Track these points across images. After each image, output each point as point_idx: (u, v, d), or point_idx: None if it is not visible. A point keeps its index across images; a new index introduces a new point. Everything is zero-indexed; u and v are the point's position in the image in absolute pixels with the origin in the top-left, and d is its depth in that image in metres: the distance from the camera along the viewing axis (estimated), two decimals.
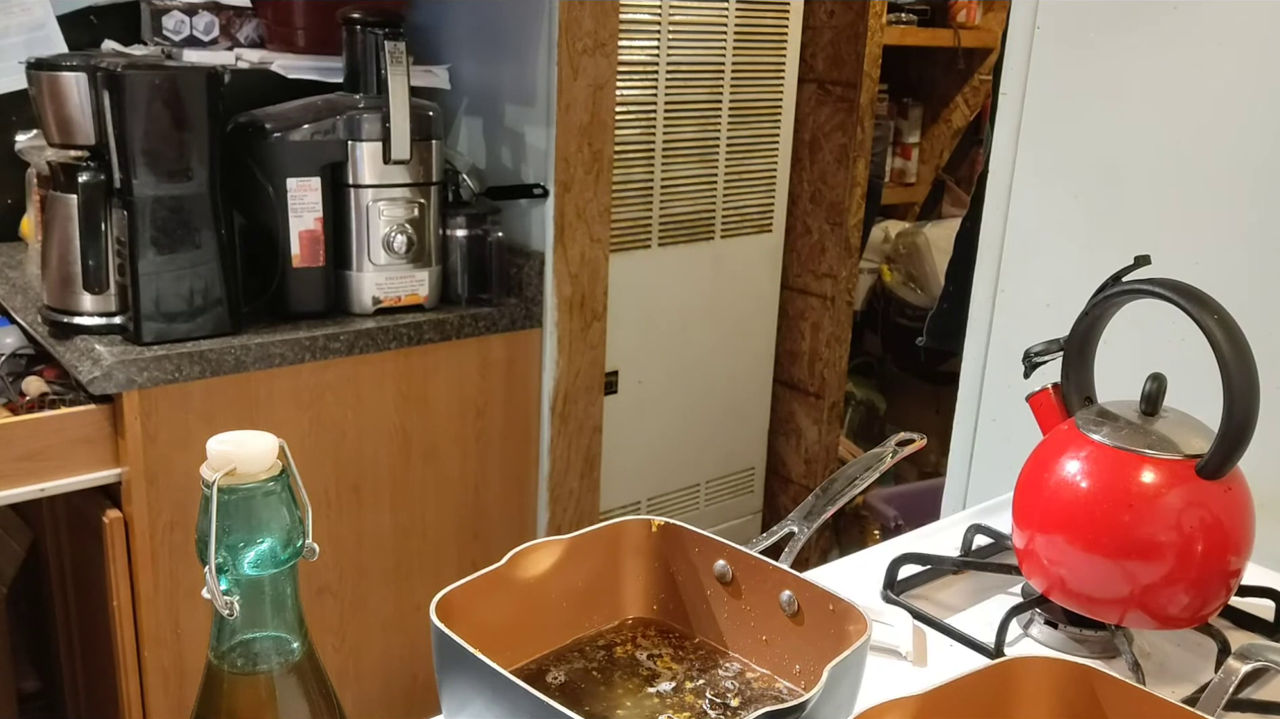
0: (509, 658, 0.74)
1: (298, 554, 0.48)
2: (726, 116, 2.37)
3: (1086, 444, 0.88)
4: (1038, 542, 0.90)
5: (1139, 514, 0.84)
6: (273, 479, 0.46)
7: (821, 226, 2.56)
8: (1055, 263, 1.28)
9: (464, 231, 1.89)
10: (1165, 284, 0.84)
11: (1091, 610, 0.88)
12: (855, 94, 2.44)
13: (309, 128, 1.72)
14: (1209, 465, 0.83)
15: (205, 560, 0.46)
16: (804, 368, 2.67)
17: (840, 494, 0.94)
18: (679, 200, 2.34)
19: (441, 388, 1.87)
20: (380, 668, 1.91)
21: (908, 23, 2.69)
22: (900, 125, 3.00)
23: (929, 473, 2.77)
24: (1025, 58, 1.28)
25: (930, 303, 2.69)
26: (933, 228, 2.85)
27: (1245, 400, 0.80)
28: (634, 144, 2.22)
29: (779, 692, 0.76)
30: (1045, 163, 1.28)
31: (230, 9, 1.98)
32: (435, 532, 1.92)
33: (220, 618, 0.47)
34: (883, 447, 0.99)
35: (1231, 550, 0.85)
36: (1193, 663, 0.90)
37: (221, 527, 0.45)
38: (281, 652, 0.49)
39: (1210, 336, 0.80)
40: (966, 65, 2.90)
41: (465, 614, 0.68)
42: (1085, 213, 1.25)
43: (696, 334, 2.46)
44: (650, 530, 0.82)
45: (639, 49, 2.18)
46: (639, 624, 0.82)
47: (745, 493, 2.70)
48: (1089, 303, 0.92)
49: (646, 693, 0.75)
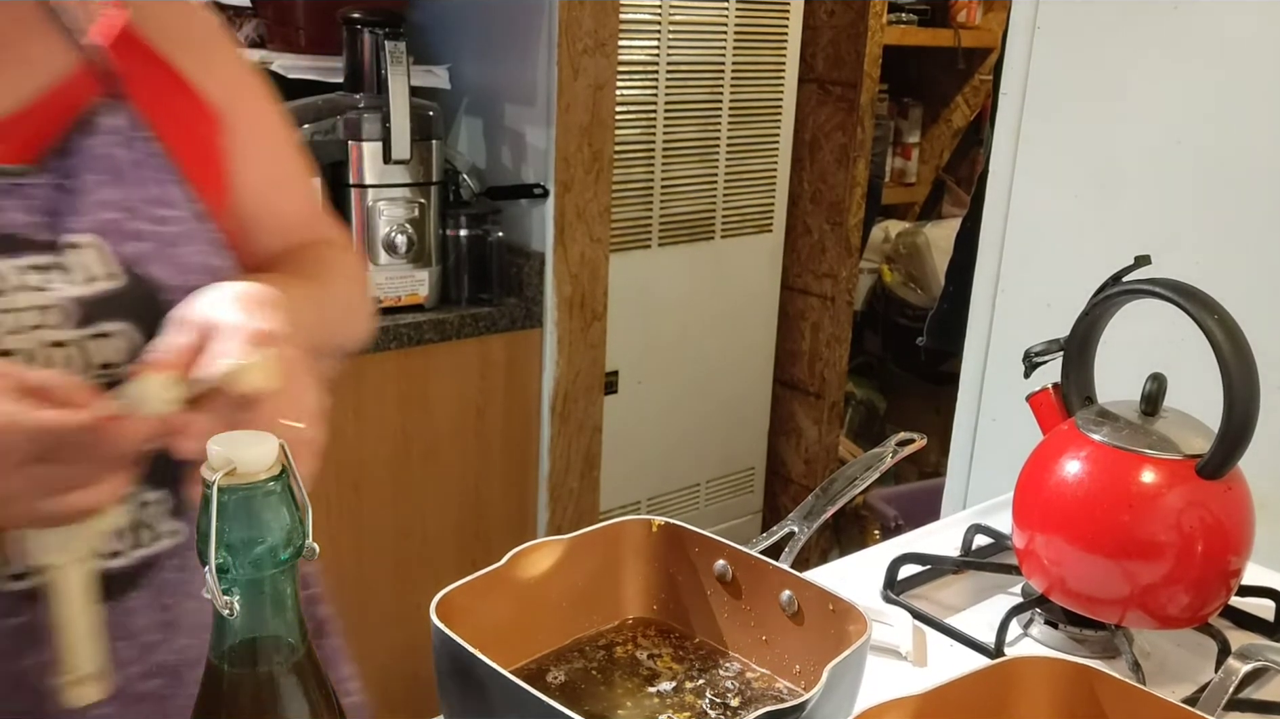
0: (509, 658, 0.74)
1: (298, 554, 0.48)
2: (726, 116, 2.37)
3: (1086, 444, 0.88)
4: (1038, 542, 0.90)
5: (1139, 514, 0.84)
6: (273, 479, 0.46)
7: (821, 226, 2.56)
8: (1055, 263, 1.28)
9: (464, 231, 1.89)
10: (1165, 284, 0.84)
11: (1091, 610, 0.88)
12: (855, 94, 2.44)
13: (309, 128, 1.72)
14: (1209, 465, 0.83)
15: (205, 560, 0.46)
16: (804, 368, 2.67)
17: (840, 494, 0.94)
18: (679, 200, 2.34)
19: (442, 388, 1.87)
20: (380, 668, 1.91)
21: (908, 23, 2.69)
22: (900, 125, 3.00)
23: (929, 473, 2.77)
24: (1025, 58, 1.28)
25: (930, 303, 2.69)
26: (933, 228, 2.85)
27: (1245, 400, 0.80)
28: (634, 144, 2.22)
29: (779, 692, 0.76)
30: (1045, 163, 1.28)
31: (230, 9, 1.98)
32: (435, 531, 1.92)
33: (220, 618, 0.47)
34: (883, 447, 0.99)
35: (1231, 550, 0.85)
36: (1193, 663, 0.90)
37: (221, 527, 0.45)
38: (281, 652, 0.49)
39: (1210, 336, 0.80)
40: (966, 65, 2.90)
41: (465, 614, 0.68)
42: (1085, 213, 1.25)
43: (696, 334, 2.46)
44: (650, 530, 0.82)
45: (639, 49, 2.18)
46: (639, 624, 0.82)
47: (745, 493, 2.70)
48: (1089, 303, 0.92)
49: (646, 693, 0.75)
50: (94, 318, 0.71)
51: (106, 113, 0.74)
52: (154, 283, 0.73)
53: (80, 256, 0.71)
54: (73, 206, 0.71)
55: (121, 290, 0.72)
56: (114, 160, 0.74)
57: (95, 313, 0.71)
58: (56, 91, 0.74)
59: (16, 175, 0.70)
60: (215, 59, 0.85)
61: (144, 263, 0.73)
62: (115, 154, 0.74)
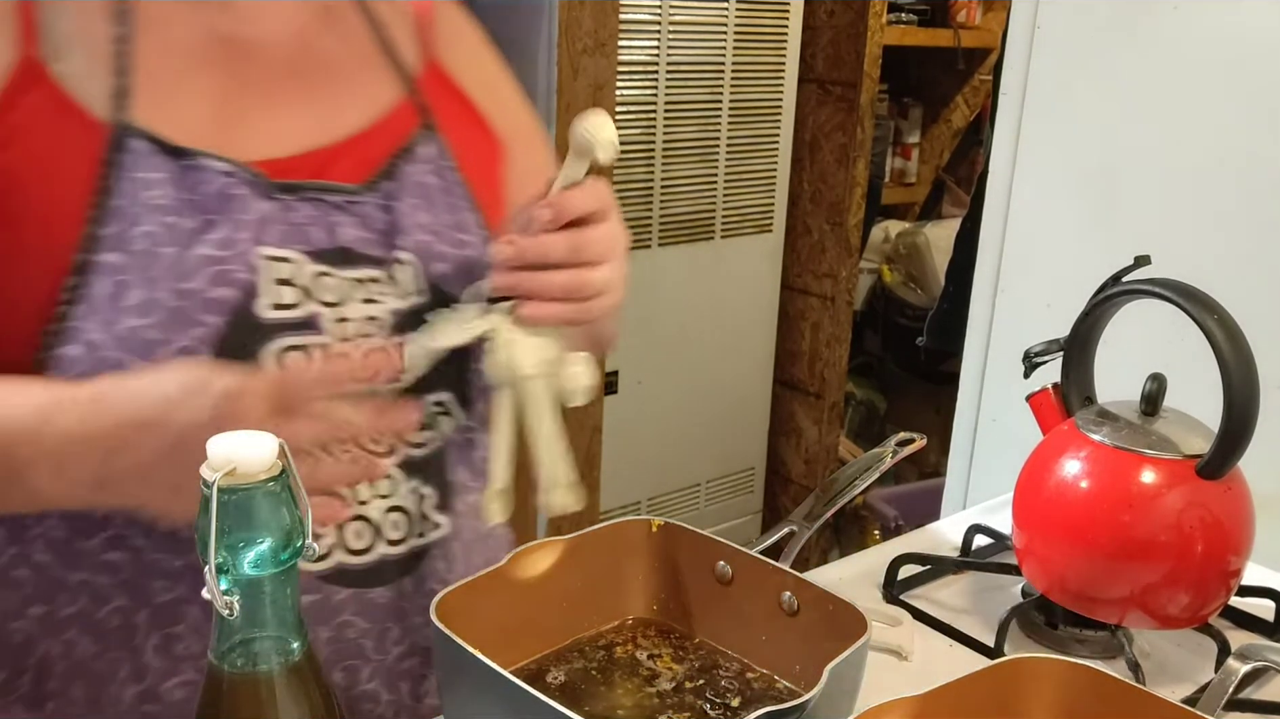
0: (509, 658, 0.74)
1: (298, 554, 0.48)
2: (726, 116, 2.37)
3: (1086, 444, 0.88)
4: (1038, 542, 0.90)
5: (1139, 514, 0.84)
6: (273, 479, 0.46)
7: (821, 226, 2.56)
8: (1055, 263, 1.28)
9: None
10: (1165, 284, 0.84)
11: (1091, 610, 0.88)
12: (855, 94, 2.44)
13: None
14: (1209, 465, 0.83)
15: (205, 560, 0.46)
16: (804, 368, 2.67)
17: (840, 494, 0.94)
18: (679, 200, 2.34)
19: None
20: None
21: (908, 23, 2.69)
22: (900, 125, 3.00)
23: (929, 473, 2.77)
24: (1025, 58, 1.28)
25: (930, 303, 2.69)
26: (933, 228, 2.85)
27: (1245, 400, 0.80)
28: (634, 144, 2.22)
29: (779, 692, 0.76)
30: (1045, 163, 1.28)
31: None
32: None
33: (220, 618, 0.47)
34: (883, 447, 0.99)
35: (1231, 550, 0.85)
36: (1193, 663, 0.90)
37: (221, 526, 0.45)
38: (281, 652, 0.49)
39: (1210, 337, 0.80)
40: (966, 65, 2.90)
41: (465, 614, 0.68)
42: (1085, 213, 1.25)
43: (696, 334, 2.46)
44: (650, 530, 0.82)
45: (639, 49, 2.18)
46: (639, 624, 0.82)
47: (745, 493, 2.70)
48: (1089, 303, 0.92)
49: (646, 693, 0.75)
50: (405, 328, 0.78)
51: (423, 142, 0.82)
52: (453, 302, 0.80)
53: (403, 273, 0.78)
54: (397, 226, 0.79)
55: (425, 307, 0.78)
56: (427, 187, 0.81)
57: (404, 325, 0.78)
58: (385, 120, 0.82)
59: (351, 194, 0.78)
60: (501, 94, 0.93)
61: (446, 283, 0.80)
62: (428, 181, 0.82)
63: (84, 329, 0.69)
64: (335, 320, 0.75)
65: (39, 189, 0.70)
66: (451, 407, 0.83)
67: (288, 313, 0.73)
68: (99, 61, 0.72)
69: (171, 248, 0.70)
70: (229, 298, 0.71)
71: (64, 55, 0.71)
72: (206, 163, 0.72)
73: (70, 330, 0.69)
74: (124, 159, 0.70)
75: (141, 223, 0.70)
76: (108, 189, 0.70)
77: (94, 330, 0.69)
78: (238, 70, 0.77)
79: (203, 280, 0.70)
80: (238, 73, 0.77)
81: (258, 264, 0.72)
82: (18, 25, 0.70)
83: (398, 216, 0.79)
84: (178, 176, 0.72)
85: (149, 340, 0.69)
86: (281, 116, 0.78)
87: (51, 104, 0.70)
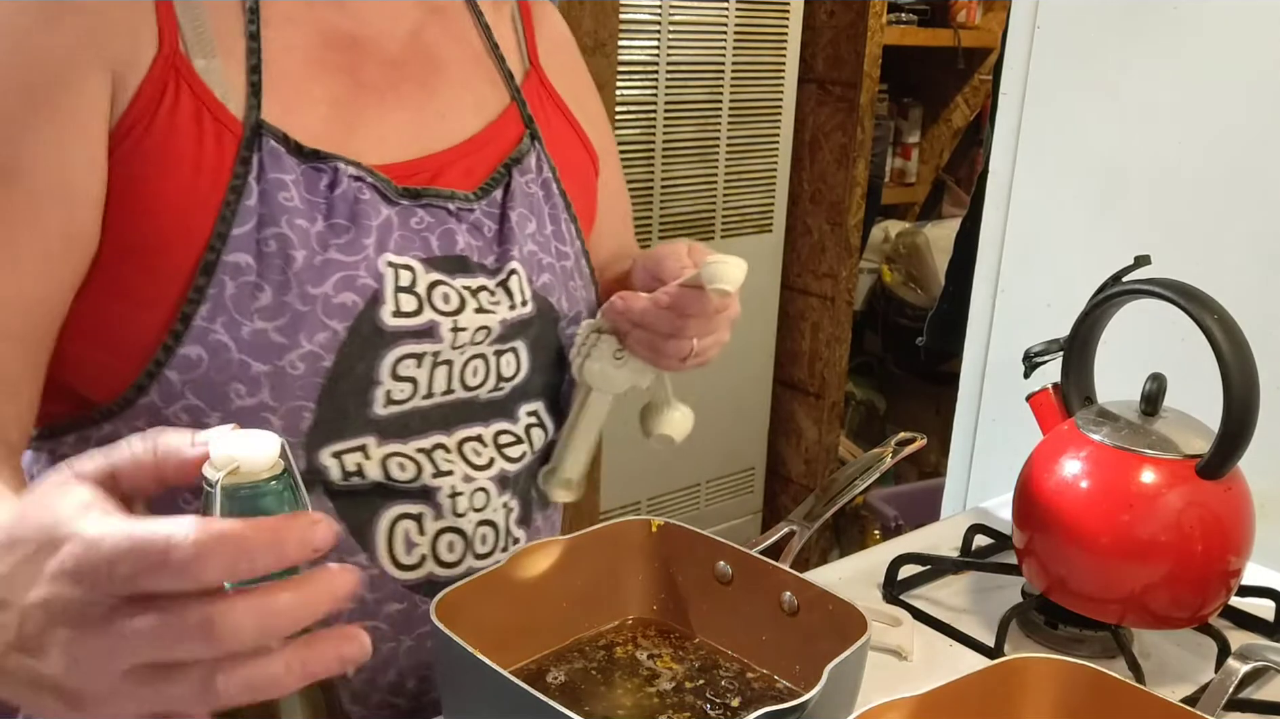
0: (509, 658, 0.74)
1: None
2: (726, 116, 2.37)
3: (1086, 444, 0.88)
4: (1038, 542, 0.90)
5: (1139, 514, 0.84)
6: (275, 478, 0.46)
7: (821, 226, 2.56)
8: (1055, 263, 1.28)
9: None
10: (1165, 284, 0.84)
11: (1091, 610, 0.88)
12: (855, 94, 2.44)
13: None
14: (1209, 465, 0.83)
15: None
16: (804, 368, 2.67)
17: (840, 494, 0.94)
18: (679, 200, 2.34)
19: None
20: None
21: (908, 23, 2.69)
22: (900, 125, 3.00)
23: (929, 473, 2.77)
24: (1025, 58, 1.28)
25: (930, 303, 2.69)
26: (933, 228, 2.85)
27: (1245, 400, 0.80)
28: (634, 144, 2.22)
29: (779, 692, 0.76)
30: (1045, 163, 1.28)
31: None
32: None
33: None
34: (883, 447, 0.99)
35: (1231, 550, 0.85)
36: (1193, 663, 0.90)
37: None
38: None
39: (1210, 337, 0.80)
40: (966, 65, 2.90)
41: (465, 614, 0.68)
42: (1085, 213, 1.25)
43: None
44: (650, 530, 0.82)
45: (639, 49, 2.18)
46: (639, 624, 0.83)
47: (745, 493, 2.70)
48: (1089, 303, 0.92)
49: (646, 693, 0.75)
50: (508, 338, 0.79)
51: (529, 151, 0.83)
52: (554, 312, 0.82)
53: (514, 283, 0.79)
54: (507, 235, 0.79)
55: (530, 316, 0.80)
56: (531, 197, 0.82)
57: (510, 333, 0.79)
58: (494, 129, 0.83)
59: (464, 201, 0.78)
60: (592, 107, 0.95)
61: (549, 292, 0.82)
62: (532, 191, 0.83)
63: (209, 329, 0.68)
64: (451, 329, 0.75)
65: (177, 180, 0.68)
66: (543, 416, 0.84)
67: (408, 320, 0.73)
68: (235, 59, 0.71)
69: (301, 251, 0.70)
70: (354, 304, 0.71)
71: (204, 51, 0.71)
72: (336, 166, 0.72)
73: (195, 330, 0.68)
74: (258, 158, 0.70)
75: (272, 224, 0.69)
76: (241, 188, 0.69)
77: (219, 331, 0.68)
78: (354, 70, 0.77)
79: (330, 285, 0.70)
80: (354, 73, 0.77)
81: (383, 270, 0.72)
82: (158, 19, 0.69)
83: (508, 226, 0.79)
84: (308, 178, 0.71)
85: (273, 344, 0.69)
86: (397, 119, 0.78)
87: (192, 98, 0.69)
